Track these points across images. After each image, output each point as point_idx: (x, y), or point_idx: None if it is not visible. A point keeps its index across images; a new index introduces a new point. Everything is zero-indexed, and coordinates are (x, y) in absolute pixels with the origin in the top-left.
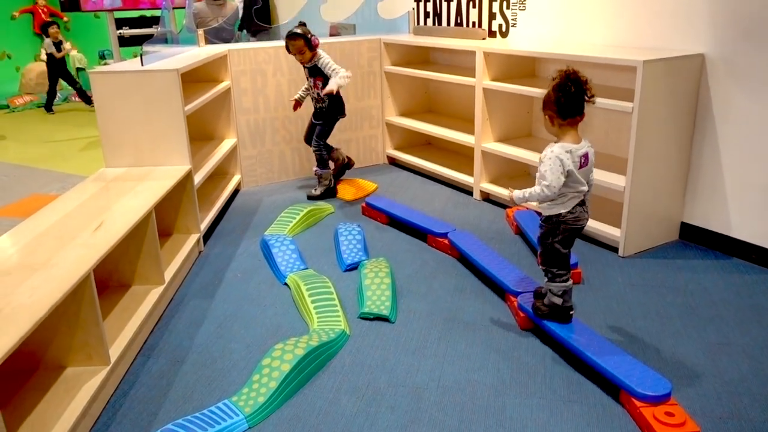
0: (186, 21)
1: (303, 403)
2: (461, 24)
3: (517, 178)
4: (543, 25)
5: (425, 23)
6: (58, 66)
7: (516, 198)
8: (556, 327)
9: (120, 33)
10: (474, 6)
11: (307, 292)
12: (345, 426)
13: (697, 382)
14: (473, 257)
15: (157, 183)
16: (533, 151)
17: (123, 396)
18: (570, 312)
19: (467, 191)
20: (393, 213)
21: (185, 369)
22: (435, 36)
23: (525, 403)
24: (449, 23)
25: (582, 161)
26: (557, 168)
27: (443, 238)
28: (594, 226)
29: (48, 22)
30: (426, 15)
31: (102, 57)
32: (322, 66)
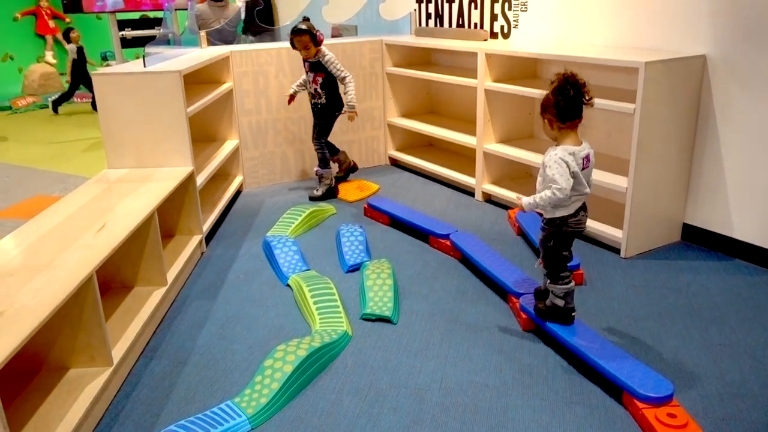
0: (188, 22)
1: (305, 404)
2: (463, 25)
3: (519, 179)
4: (544, 27)
5: (427, 24)
6: (81, 71)
7: (525, 204)
8: (558, 328)
9: (122, 34)
10: (476, 7)
11: (310, 293)
12: (347, 427)
13: (700, 383)
14: (475, 258)
15: (160, 184)
16: (535, 153)
17: (125, 397)
18: (572, 313)
19: (469, 192)
20: (395, 214)
21: (188, 370)
22: (437, 37)
23: (527, 405)
24: (451, 24)
25: (584, 163)
26: (565, 170)
27: (445, 239)
28: (596, 227)
29: (69, 27)
30: (428, 16)
31: (104, 58)
32: (326, 63)
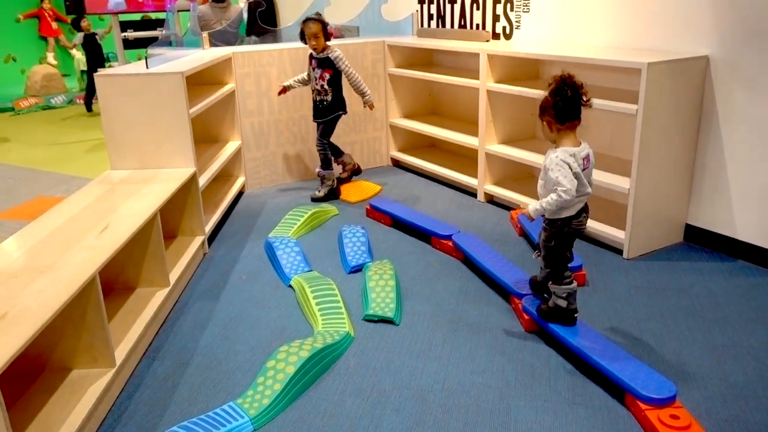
0: (190, 24)
1: (308, 405)
2: (465, 26)
3: (521, 180)
4: (547, 27)
5: (429, 25)
6: (97, 57)
7: (533, 211)
8: (560, 329)
9: (124, 36)
10: (478, 8)
11: (312, 294)
12: (350, 428)
13: (703, 384)
14: (477, 259)
15: (162, 185)
16: (537, 153)
17: (128, 398)
18: (574, 314)
19: (471, 193)
20: (397, 215)
21: (190, 371)
22: (439, 38)
23: (530, 406)
24: (453, 25)
25: (584, 163)
26: (568, 172)
27: (447, 240)
28: (598, 228)
29: (78, 16)
30: (430, 17)
31: (106, 59)
32: (335, 59)
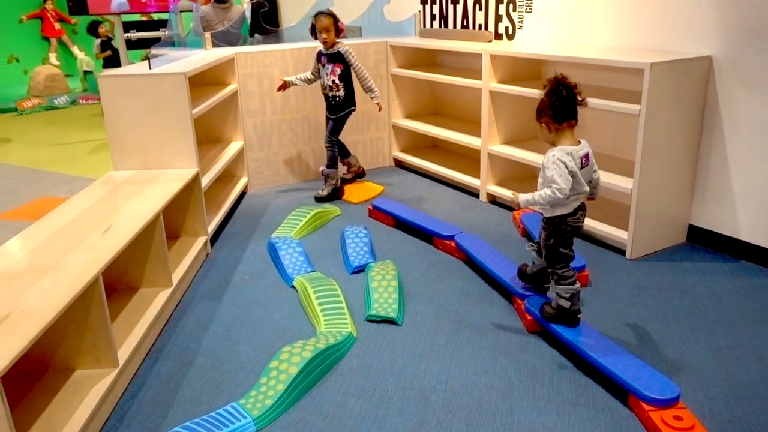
0: (193, 24)
1: (310, 406)
2: (467, 26)
3: (524, 180)
4: (549, 28)
5: (431, 26)
6: (114, 64)
7: (522, 201)
8: (563, 330)
9: (127, 36)
10: (480, 8)
11: (314, 294)
12: (352, 429)
13: (706, 385)
14: (480, 260)
15: (165, 186)
16: (540, 154)
17: (131, 398)
18: (577, 315)
19: (474, 194)
20: (399, 215)
21: (193, 371)
22: (441, 38)
23: (533, 407)
24: (455, 26)
25: (583, 162)
26: (563, 171)
27: (450, 240)
28: (601, 228)
29: (97, 21)
30: (432, 17)
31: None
32: (345, 54)
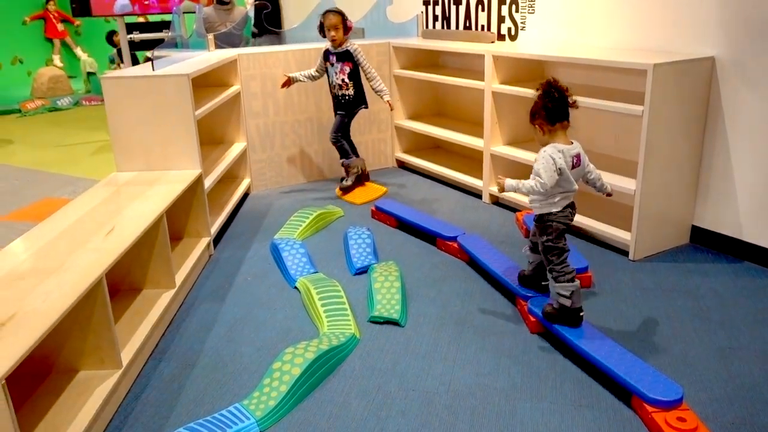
0: (196, 26)
1: (313, 407)
2: (470, 27)
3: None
4: (552, 29)
5: (434, 27)
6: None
7: (507, 186)
8: (566, 331)
9: (130, 37)
10: (483, 9)
11: (317, 295)
12: (355, 430)
13: (709, 386)
14: (483, 261)
15: (168, 187)
16: None
17: (135, 399)
18: (580, 314)
19: (476, 194)
20: (402, 216)
21: (196, 372)
22: (444, 39)
23: (536, 408)
24: (458, 27)
25: (574, 161)
26: (550, 166)
27: (452, 241)
28: (604, 229)
29: (113, 30)
30: (435, 18)
31: (112, 61)
32: (354, 52)
